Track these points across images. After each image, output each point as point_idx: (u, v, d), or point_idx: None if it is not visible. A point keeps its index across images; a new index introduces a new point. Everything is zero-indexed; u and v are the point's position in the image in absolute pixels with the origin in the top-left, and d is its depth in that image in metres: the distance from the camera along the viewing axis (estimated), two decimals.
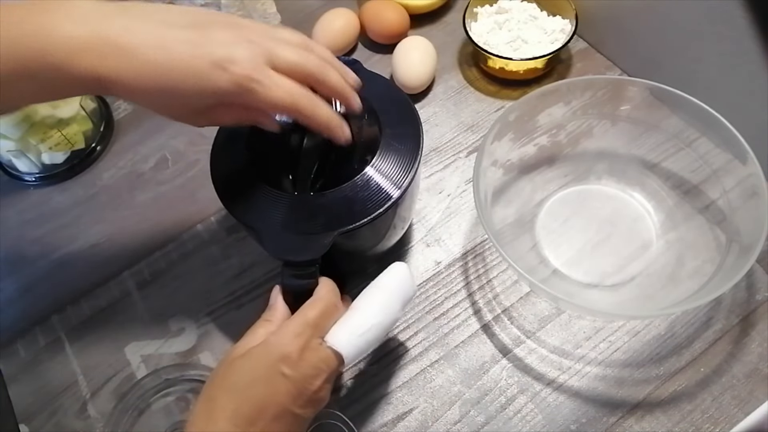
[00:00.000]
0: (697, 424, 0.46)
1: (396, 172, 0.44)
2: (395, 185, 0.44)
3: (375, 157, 0.45)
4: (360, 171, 0.44)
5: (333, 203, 0.43)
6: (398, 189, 0.44)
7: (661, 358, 0.49)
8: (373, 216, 0.43)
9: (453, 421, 0.48)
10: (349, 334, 0.40)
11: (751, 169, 0.46)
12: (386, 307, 0.42)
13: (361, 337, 0.40)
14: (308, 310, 0.39)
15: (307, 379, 0.36)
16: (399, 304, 0.43)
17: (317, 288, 0.41)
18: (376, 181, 0.44)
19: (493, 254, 0.56)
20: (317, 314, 0.38)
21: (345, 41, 0.69)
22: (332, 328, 0.40)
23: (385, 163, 0.45)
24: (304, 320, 0.38)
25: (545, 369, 0.50)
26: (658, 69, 0.60)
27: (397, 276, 0.43)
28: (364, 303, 0.42)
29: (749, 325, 0.50)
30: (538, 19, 0.67)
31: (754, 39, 0.49)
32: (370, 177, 0.44)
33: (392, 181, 0.44)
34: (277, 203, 0.43)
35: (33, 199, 0.64)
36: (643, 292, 0.51)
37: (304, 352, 0.36)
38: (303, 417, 0.37)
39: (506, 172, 0.56)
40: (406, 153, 0.45)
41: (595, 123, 0.57)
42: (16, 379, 0.54)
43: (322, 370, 0.37)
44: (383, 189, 0.44)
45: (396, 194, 0.44)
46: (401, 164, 0.45)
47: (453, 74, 0.68)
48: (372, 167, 0.44)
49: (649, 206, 0.56)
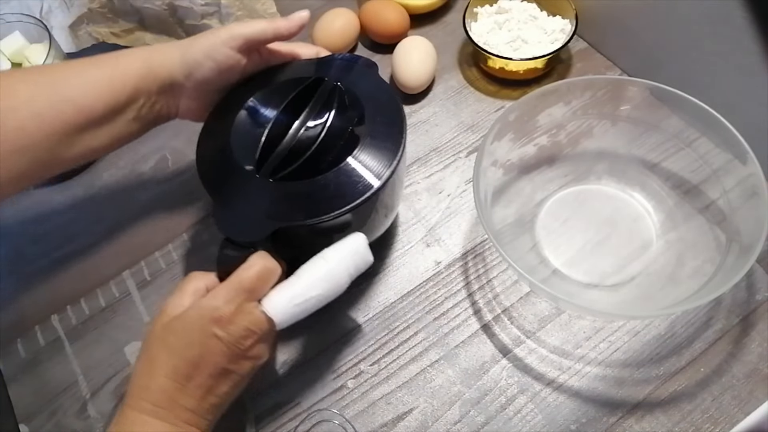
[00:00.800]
0: (697, 424, 0.46)
1: (361, 178, 0.44)
2: (356, 190, 0.43)
3: (344, 160, 0.44)
4: (329, 168, 0.44)
5: (290, 194, 0.44)
6: (353, 196, 0.43)
7: (661, 358, 0.49)
8: (317, 219, 0.43)
9: (453, 421, 0.48)
10: (285, 300, 0.41)
11: (751, 169, 0.46)
12: (329, 280, 0.42)
13: (298, 306, 0.41)
14: (242, 273, 0.40)
15: (239, 340, 0.39)
16: (346, 277, 0.43)
17: (252, 255, 0.42)
18: (337, 182, 0.44)
19: (493, 254, 0.56)
20: (251, 278, 0.40)
21: (345, 41, 0.69)
22: (271, 292, 0.41)
23: (354, 166, 0.44)
24: (237, 284, 0.40)
25: (545, 369, 0.50)
26: (658, 69, 0.60)
27: (347, 248, 0.43)
28: (306, 272, 0.42)
29: (749, 325, 0.50)
30: (538, 19, 0.67)
31: (754, 39, 0.49)
32: (332, 176, 0.44)
33: (354, 185, 0.43)
34: (240, 183, 0.44)
35: (33, 199, 0.64)
36: (643, 292, 0.51)
37: (236, 314, 0.39)
38: (238, 372, 0.40)
39: (506, 172, 0.56)
40: (378, 160, 0.45)
41: (595, 123, 0.57)
42: (16, 379, 0.54)
43: (253, 332, 0.39)
44: (340, 192, 0.43)
45: (348, 202, 0.43)
46: (370, 169, 0.44)
47: (453, 74, 0.68)
48: (336, 171, 0.44)
49: (649, 206, 0.56)
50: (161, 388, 0.38)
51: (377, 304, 0.54)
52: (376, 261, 0.56)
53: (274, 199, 0.44)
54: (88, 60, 0.46)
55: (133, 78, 0.45)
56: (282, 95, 0.48)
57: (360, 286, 0.55)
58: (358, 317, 0.54)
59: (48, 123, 0.42)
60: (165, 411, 0.37)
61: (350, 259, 0.43)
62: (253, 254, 0.41)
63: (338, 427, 0.49)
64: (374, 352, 0.52)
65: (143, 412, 0.37)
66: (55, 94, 0.43)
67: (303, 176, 0.44)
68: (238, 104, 0.48)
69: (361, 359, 0.52)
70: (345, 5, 0.71)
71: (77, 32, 0.70)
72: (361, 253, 0.44)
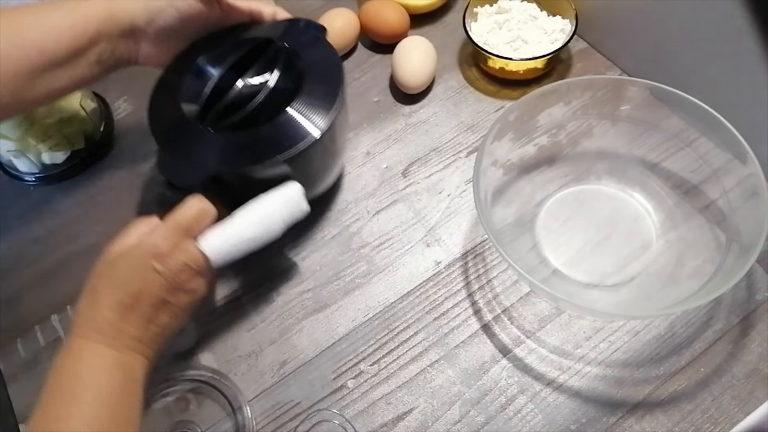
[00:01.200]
0: (697, 424, 0.46)
1: (297, 131, 0.48)
2: (290, 141, 0.47)
3: (282, 110, 0.48)
4: (268, 121, 0.48)
5: (228, 143, 0.48)
6: (286, 146, 0.47)
7: (661, 358, 0.49)
8: (251, 167, 0.46)
9: (453, 421, 0.48)
10: (221, 241, 0.44)
11: (751, 169, 0.46)
12: (264, 224, 0.45)
13: (234, 246, 0.44)
14: (179, 213, 0.44)
15: (177, 273, 0.42)
16: (280, 222, 0.46)
17: (189, 197, 0.44)
18: (274, 133, 0.47)
19: (493, 254, 0.56)
20: (187, 217, 0.43)
21: (345, 41, 0.69)
22: (207, 231, 0.44)
23: (291, 118, 0.48)
24: (174, 223, 0.43)
25: (545, 369, 0.50)
26: (658, 69, 0.60)
27: (282, 195, 0.46)
28: (241, 215, 0.45)
29: (749, 325, 0.50)
30: (538, 19, 0.67)
31: (754, 39, 0.49)
32: (269, 128, 0.47)
33: (289, 137, 0.47)
34: (184, 132, 0.49)
35: (33, 199, 0.64)
36: (643, 292, 0.51)
37: (173, 250, 0.42)
38: (176, 304, 0.43)
39: (506, 172, 0.56)
40: (313, 114, 0.48)
41: (595, 123, 0.57)
42: (16, 378, 0.54)
43: (189, 267, 0.43)
44: (275, 142, 0.47)
45: (280, 151, 0.46)
46: (308, 121, 0.48)
47: (453, 74, 0.68)
48: (273, 123, 0.48)
49: (649, 206, 0.56)
50: (106, 319, 0.40)
51: (377, 304, 0.54)
52: (376, 260, 0.56)
53: (213, 148, 0.48)
54: (50, 3, 0.48)
55: (94, 22, 0.47)
56: (232, 54, 0.52)
57: (360, 286, 0.55)
58: (358, 317, 0.54)
59: (12, 64, 0.45)
60: (111, 339, 0.40)
61: (285, 205, 0.46)
62: (189, 197, 0.44)
63: (338, 427, 0.49)
64: (374, 352, 0.52)
65: (90, 340, 0.40)
66: (18, 36, 0.45)
67: (246, 128, 0.48)
68: (191, 60, 0.52)
69: (361, 359, 0.52)
70: (345, 5, 0.71)
71: None
72: (296, 201, 0.46)
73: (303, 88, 0.49)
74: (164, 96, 0.51)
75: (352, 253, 0.57)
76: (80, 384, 0.38)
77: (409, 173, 0.62)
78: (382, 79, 0.69)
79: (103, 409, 0.38)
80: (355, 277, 0.56)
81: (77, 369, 0.39)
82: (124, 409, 0.39)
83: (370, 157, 0.63)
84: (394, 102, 0.67)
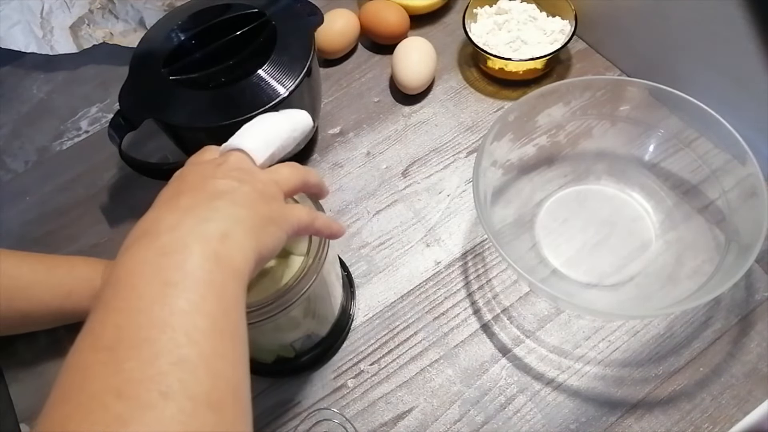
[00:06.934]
0: (696, 424, 0.46)
1: (265, 90, 0.52)
2: (258, 100, 0.52)
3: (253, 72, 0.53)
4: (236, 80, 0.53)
5: (186, 94, 0.54)
6: (253, 105, 0.51)
7: (660, 358, 0.49)
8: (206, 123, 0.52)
9: (453, 420, 0.48)
10: (252, 138, 0.40)
11: (750, 169, 0.46)
12: (286, 114, 0.42)
13: (269, 142, 0.40)
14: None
15: (231, 171, 0.38)
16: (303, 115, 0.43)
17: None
18: (240, 92, 0.52)
19: (493, 254, 0.56)
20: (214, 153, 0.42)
21: (345, 41, 0.69)
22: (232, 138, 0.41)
23: (260, 79, 0.53)
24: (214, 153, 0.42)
25: (544, 368, 0.50)
26: (657, 69, 0.60)
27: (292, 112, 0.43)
28: (260, 118, 0.42)
29: (748, 325, 0.50)
30: (537, 19, 0.67)
31: (754, 39, 0.49)
32: (231, 89, 0.53)
33: (257, 97, 0.52)
34: (149, 75, 0.54)
35: (33, 199, 0.65)
36: (642, 291, 0.52)
37: (223, 162, 0.39)
38: (234, 189, 0.38)
39: (506, 172, 0.56)
40: (280, 78, 0.53)
41: (594, 123, 0.57)
42: (16, 378, 0.54)
43: (240, 164, 0.39)
44: (238, 102, 0.52)
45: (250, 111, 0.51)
46: (277, 82, 0.53)
47: (453, 75, 0.68)
48: (236, 85, 0.53)
49: (648, 206, 0.56)
50: (170, 210, 0.38)
51: (377, 304, 0.54)
52: (376, 260, 0.56)
53: (168, 93, 0.53)
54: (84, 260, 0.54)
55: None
56: (213, 18, 0.57)
57: (360, 286, 0.55)
58: (358, 317, 0.54)
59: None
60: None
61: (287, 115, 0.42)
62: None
63: (338, 426, 0.49)
64: (374, 351, 0.52)
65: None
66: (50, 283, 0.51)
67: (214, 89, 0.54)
68: (173, 25, 0.57)
69: (361, 359, 0.52)
70: (345, 6, 0.71)
71: (78, 33, 0.70)
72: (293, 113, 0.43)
73: (276, 55, 0.54)
74: (148, 45, 0.57)
75: (352, 253, 0.57)
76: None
77: (409, 173, 0.62)
78: (382, 79, 0.69)
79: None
80: (355, 277, 0.56)
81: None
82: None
83: (370, 158, 0.63)
84: (394, 102, 0.67)
